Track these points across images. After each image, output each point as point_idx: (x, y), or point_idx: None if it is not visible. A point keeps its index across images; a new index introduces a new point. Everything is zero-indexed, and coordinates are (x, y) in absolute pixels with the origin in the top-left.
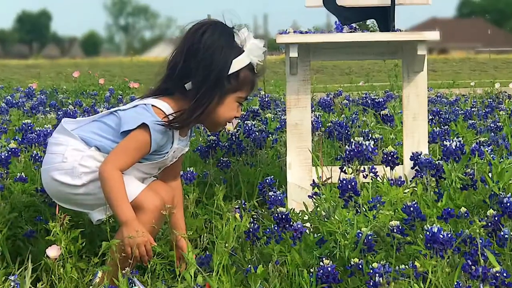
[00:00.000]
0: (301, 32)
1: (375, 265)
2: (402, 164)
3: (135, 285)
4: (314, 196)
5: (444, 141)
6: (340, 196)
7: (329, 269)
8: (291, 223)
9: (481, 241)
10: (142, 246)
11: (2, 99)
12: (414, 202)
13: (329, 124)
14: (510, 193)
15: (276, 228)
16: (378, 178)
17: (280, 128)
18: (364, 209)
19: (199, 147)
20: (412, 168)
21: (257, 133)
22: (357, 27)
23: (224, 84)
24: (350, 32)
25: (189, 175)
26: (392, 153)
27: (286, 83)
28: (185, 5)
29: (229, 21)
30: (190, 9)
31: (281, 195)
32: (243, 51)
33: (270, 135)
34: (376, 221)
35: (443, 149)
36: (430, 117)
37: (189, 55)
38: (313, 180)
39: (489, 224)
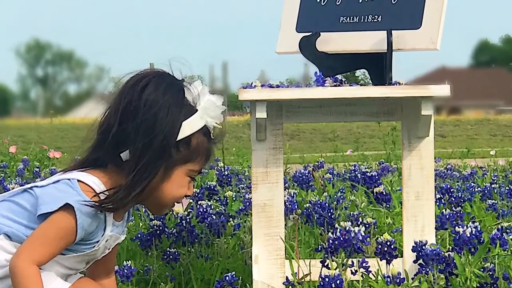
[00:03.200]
0: (271, 86)
1: None
2: (401, 256)
3: None
4: None
5: (456, 227)
6: None
7: None
8: None
9: None
10: None
11: None
12: None
13: (308, 205)
14: None
15: None
16: (370, 275)
17: (244, 210)
18: None
19: (139, 235)
20: (414, 261)
21: (214, 217)
22: (343, 79)
23: (171, 153)
24: (334, 86)
25: (126, 270)
26: (388, 243)
27: (252, 151)
28: (120, 51)
29: (177, 71)
30: (127, 56)
31: None
32: (196, 110)
33: (231, 219)
34: None
35: (454, 237)
36: (438, 195)
37: (126, 116)
38: (287, 278)
39: None
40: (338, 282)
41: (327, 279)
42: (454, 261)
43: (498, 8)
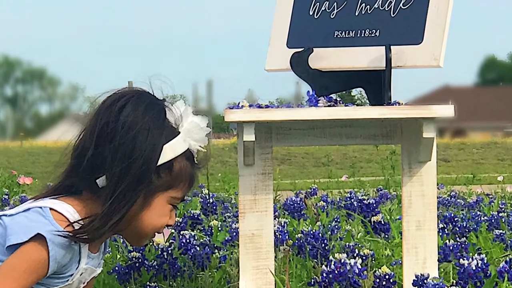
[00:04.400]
0: (259, 106)
1: None
2: None
3: None
4: None
5: (461, 259)
6: None
7: None
8: None
9: None
10: None
11: None
12: None
13: (299, 235)
14: None
15: None
16: None
17: (231, 241)
18: None
19: (116, 268)
20: None
21: (198, 248)
22: (338, 99)
23: (151, 179)
24: (328, 106)
25: None
26: (387, 276)
27: (239, 177)
28: (96, 68)
29: (158, 90)
30: (104, 73)
31: None
32: (179, 132)
33: (216, 250)
34: None
35: (458, 270)
36: (441, 225)
37: (103, 139)
38: None
39: None
40: None
41: None
42: None
43: (506, 22)
